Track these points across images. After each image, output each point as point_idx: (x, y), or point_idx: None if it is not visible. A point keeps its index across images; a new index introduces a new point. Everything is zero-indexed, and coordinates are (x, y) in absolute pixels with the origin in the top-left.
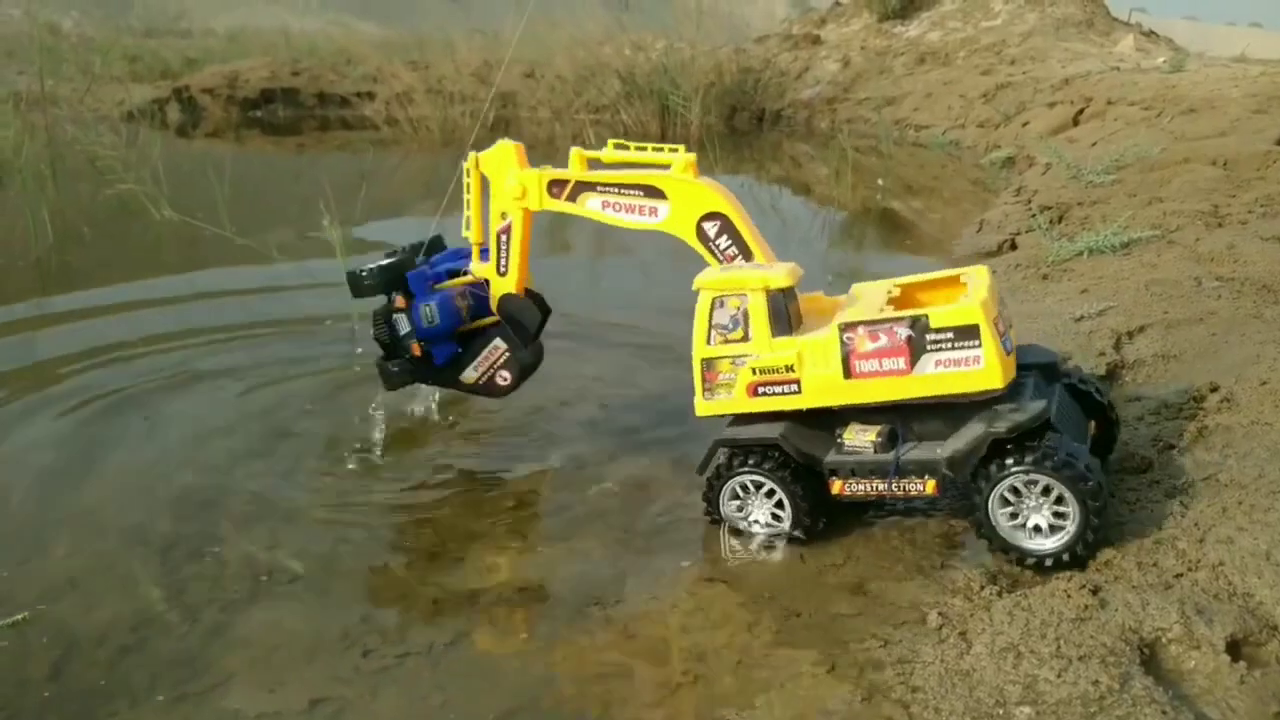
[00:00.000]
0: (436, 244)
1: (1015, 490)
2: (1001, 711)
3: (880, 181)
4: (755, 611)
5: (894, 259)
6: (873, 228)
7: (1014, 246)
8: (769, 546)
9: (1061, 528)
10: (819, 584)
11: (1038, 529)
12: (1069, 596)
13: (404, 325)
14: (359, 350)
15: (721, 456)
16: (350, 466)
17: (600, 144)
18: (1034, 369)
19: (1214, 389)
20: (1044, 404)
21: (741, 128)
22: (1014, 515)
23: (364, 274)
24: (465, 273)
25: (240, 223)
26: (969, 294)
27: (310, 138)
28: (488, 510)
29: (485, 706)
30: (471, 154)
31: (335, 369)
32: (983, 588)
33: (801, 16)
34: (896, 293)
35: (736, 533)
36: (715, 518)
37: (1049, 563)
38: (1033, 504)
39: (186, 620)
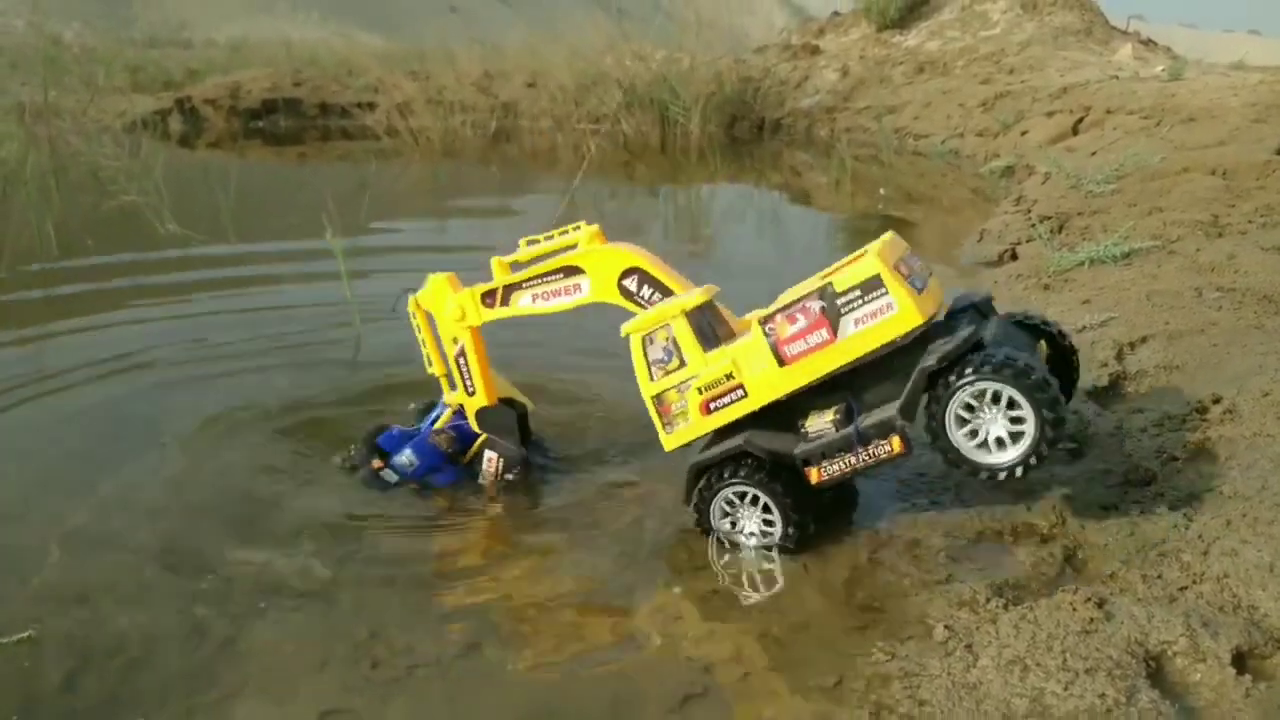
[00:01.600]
0: (430, 407)
1: (969, 408)
2: None
3: (881, 190)
4: (761, 624)
5: None
6: (874, 237)
7: (1014, 256)
8: (773, 560)
9: (1021, 433)
10: (824, 597)
11: (1001, 442)
12: (1074, 609)
13: (393, 478)
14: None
15: (699, 480)
16: (355, 480)
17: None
18: (968, 311)
19: (1216, 400)
20: (971, 329)
21: (741, 137)
22: (974, 434)
23: (352, 464)
24: (443, 412)
25: (243, 233)
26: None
27: (311, 148)
28: (492, 524)
29: (494, 718)
30: (410, 297)
31: (338, 382)
32: (988, 600)
33: (800, 26)
34: (816, 282)
35: (740, 546)
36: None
37: (1020, 472)
38: (988, 416)
39: (196, 633)
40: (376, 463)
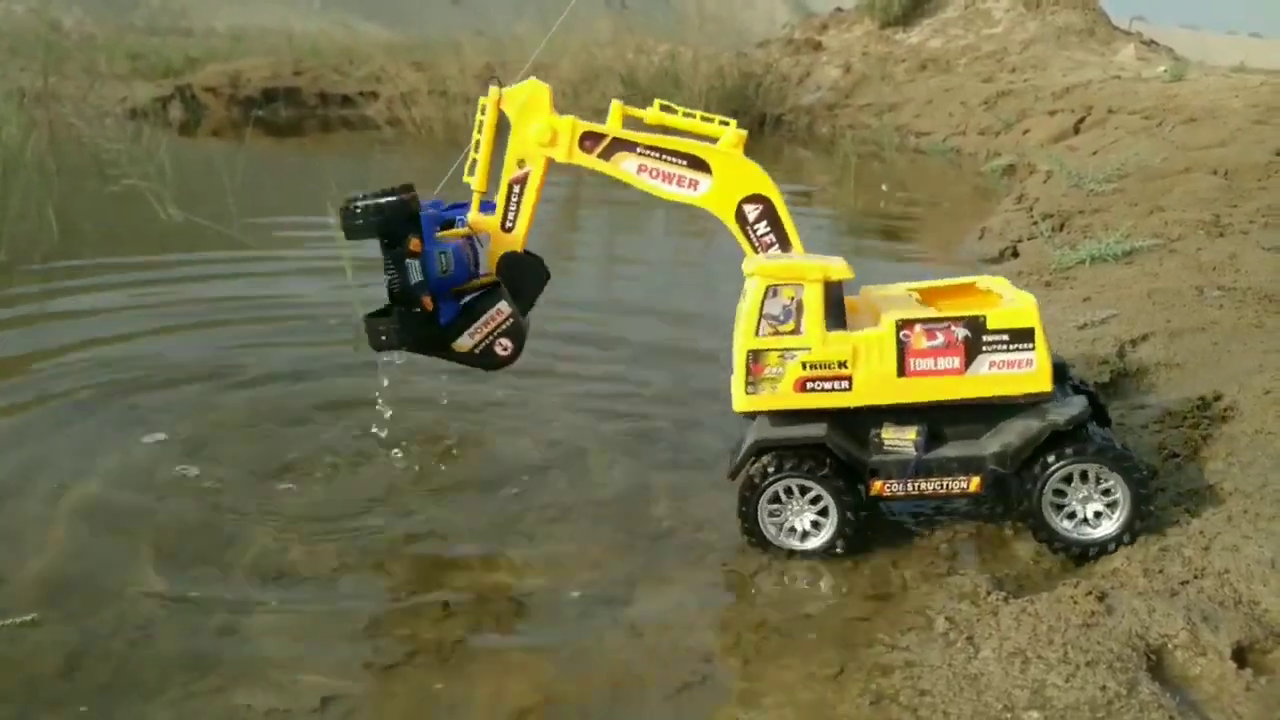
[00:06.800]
0: (408, 190)
1: (1065, 480)
2: (1010, 716)
3: (884, 187)
4: (762, 613)
5: (898, 265)
6: (875, 234)
7: (1016, 254)
8: (775, 549)
9: (1107, 518)
10: (826, 587)
11: (1073, 516)
12: (1076, 603)
13: (416, 273)
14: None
15: (763, 460)
16: (353, 467)
17: None
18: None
19: (1217, 398)
20: (1084, 399)
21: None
22: (1059, 505)
23: (360, 209)
24: (460, 224)
25: (244, 221)
26: (1014, 297)
27: (312, 137)
28: (492, 512)
29: (495, 706)
30: (494, 88)
31: (337, 370)
32: (989, 593)
33: (803, 22)
34: (918, 296)
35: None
36: (751, 528)
37: (1093, 551)
38: (1082, 495)
39: (196, 619)
40: (415, 241)
